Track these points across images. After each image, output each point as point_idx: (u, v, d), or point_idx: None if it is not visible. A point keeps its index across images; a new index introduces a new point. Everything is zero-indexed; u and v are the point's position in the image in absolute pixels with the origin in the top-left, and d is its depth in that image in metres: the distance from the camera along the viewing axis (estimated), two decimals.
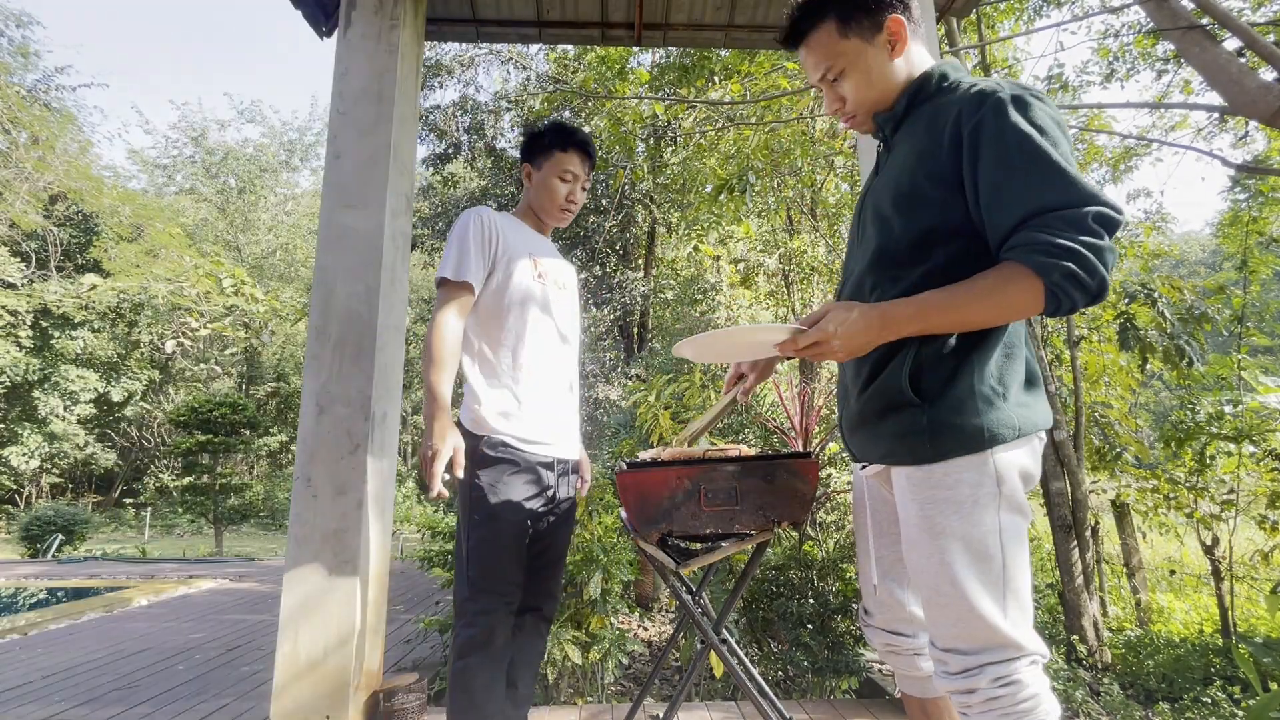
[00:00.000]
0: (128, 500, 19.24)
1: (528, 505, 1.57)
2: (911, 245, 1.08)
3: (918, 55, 1.16)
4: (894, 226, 1.10)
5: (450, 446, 1.42)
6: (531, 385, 1.64)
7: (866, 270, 1.15)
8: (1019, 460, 1.04)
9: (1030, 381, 1.08)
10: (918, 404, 1.05)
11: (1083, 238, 0.91)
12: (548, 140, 1.74)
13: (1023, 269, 0.94)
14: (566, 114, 8.71)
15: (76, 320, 16.74)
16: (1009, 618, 1.01)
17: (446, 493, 1.47)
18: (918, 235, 1.08)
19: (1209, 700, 2.79)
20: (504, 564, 1.54)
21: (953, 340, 1.05)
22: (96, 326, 17.36)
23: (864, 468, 1.25)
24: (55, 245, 16.71)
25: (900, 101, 1.14)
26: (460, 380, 1.66)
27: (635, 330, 11.02)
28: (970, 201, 1.03)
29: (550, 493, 1.64)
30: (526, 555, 1.60)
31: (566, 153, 1.73)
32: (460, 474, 1.46)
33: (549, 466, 1.64)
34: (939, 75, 1.12)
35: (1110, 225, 0.92)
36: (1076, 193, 0.93)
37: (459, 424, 1.59)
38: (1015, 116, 0.97)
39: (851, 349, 1.04)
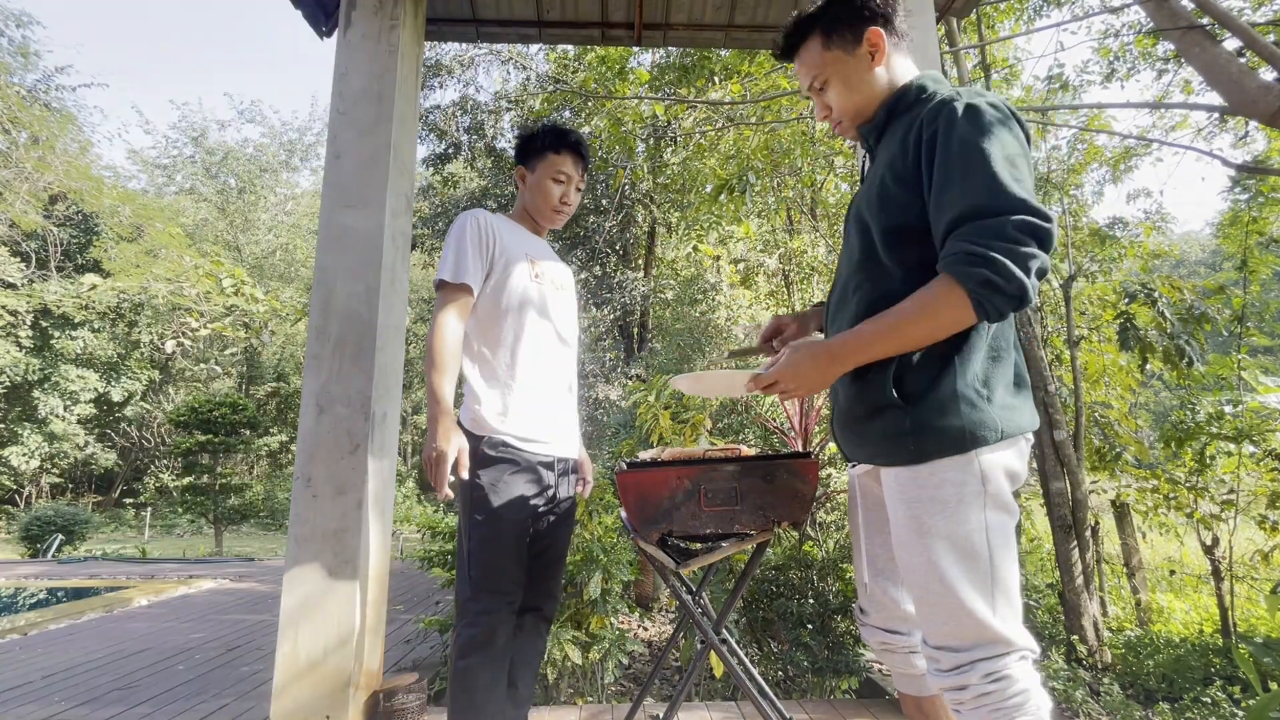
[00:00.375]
0: (128, 500, 19.23)
1: (528, 504, 1.58)
2: (886, 247, 1.12)
3: (901, 66, 1.21)
4: (871, 230, 1.15)
5: (455, 448, 1.43)
6: (531, 385, 1.64)
7: (851, 273, 1.20)
8: (1004, 460, 1.07)
9: (1017, 384, 1.11)
10: (901, 406, 1.07)
11: (1000, 244, 0.94)
12: (541, 142, 1.74)
13: (949, 280, 0.98)
14: (566, 114, 8.71)
15: (76, 320, 16.73)
16: (998, 614, 1.03)
17: (452, 494, 1.47)
18: (890, 237, 1.11)
19: (1209, 700, 2.78)
20: (505, 563, 1.54)
21: (940, 342, 1.07)
22: (96, 326, 17.36)
23: (854, 465, 1.28)
24: (55, 245, 16.70)
25: (880, 112, 1.20)
26: (460, 381, 1.67)
27: (635, 330, 11.02)
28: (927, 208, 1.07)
29: (551, 492, 1.65)
30: (527, 555, 1.60)
31: (559, 154, 1.73)
32: (465, 475, 1.47)
33: (549, 466, 1.65)
34: (917, 87, 1.17)
35: (1035, 232, 0.94)
36: (1002, 200, 0.95)
37: (459, 424, 1.60)
38: (963, 125, 1.01)
39: (807, 387, 1.10)
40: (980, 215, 0.96)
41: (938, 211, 1.02)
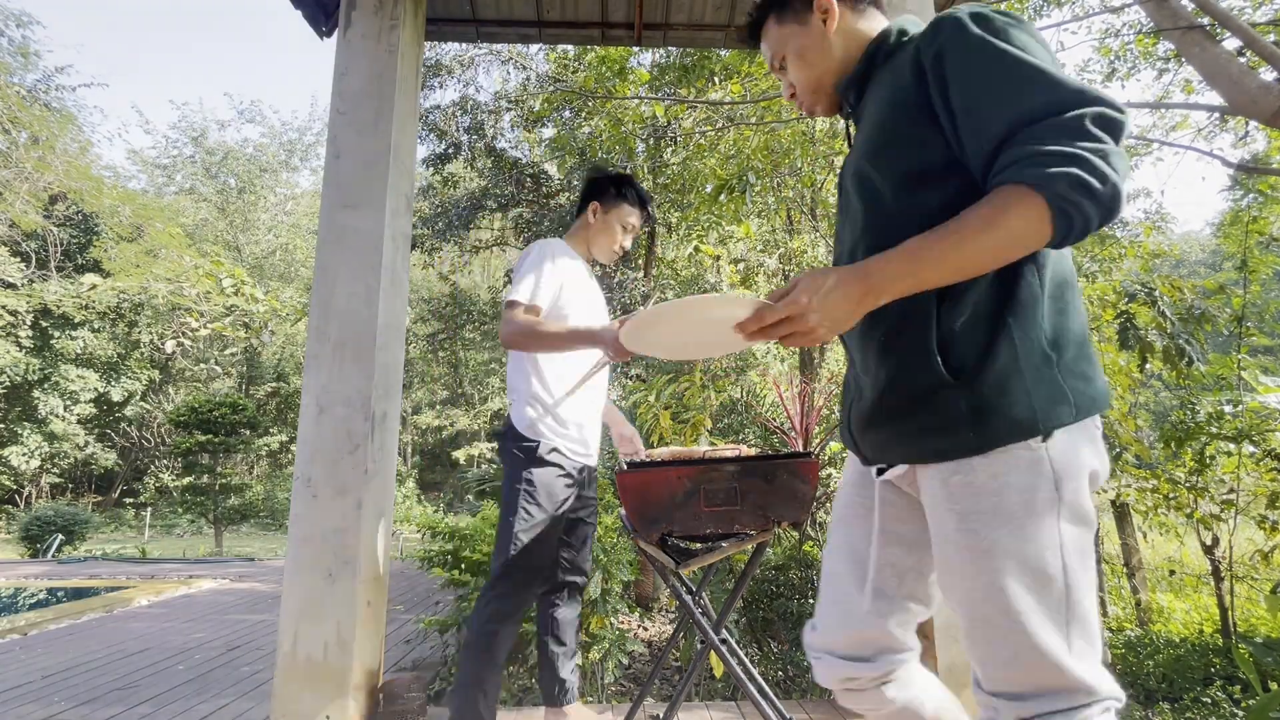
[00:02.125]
0: (128, 500, 19.24)
1: (569, 504, 1.88)
2: (897, 193, 0.94)
3: (866, 26, 1.09)
4: (875, 180, 0.98)
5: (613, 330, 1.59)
6: (579, 401, 1.89)
7: (860, 236, 1.01)
8: (1079, 452, 0.85)
9: (1085, 344, 0.87)
10: (952, 384, 0.86)
11: (1084, 142, 0.75)
12: (623, 190, 2.01)
13: (1019, 188, 0.77)
14: (566, 114, 8.71)
15: (76, 320, 16.74)
16: (1074, 652, 0.83)
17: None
18: (901, 180, 0.94)
19: (1209, 700, 2.79)
20: (544, 553, 1.83)
21: (985, 293, 0.86)
22: (96, 326, 17.36)
23: (879, 472, 1.03)
24: (55, 245, 16.71)
25: (860, 64, 1.08)
26: (511, 390, 1.93)
27: None
28: (950, 136, 0.88)
29: (582, 492, 1.95)
30: (565, 540, 1.95)
31: (635, 208, 2.02)
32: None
33: (582, 471, 1.94)
34: (897, 31, 1.05)
35: (1112, 126, 0.76)
36: (1064, 94, 0.78)
37: (512, 427, 1.85)
38: (977, 31, 0.85)
39: (833, 322, 0.85)
40: (1048, 114, 0.77)
41: (976, 128, 0.84)
